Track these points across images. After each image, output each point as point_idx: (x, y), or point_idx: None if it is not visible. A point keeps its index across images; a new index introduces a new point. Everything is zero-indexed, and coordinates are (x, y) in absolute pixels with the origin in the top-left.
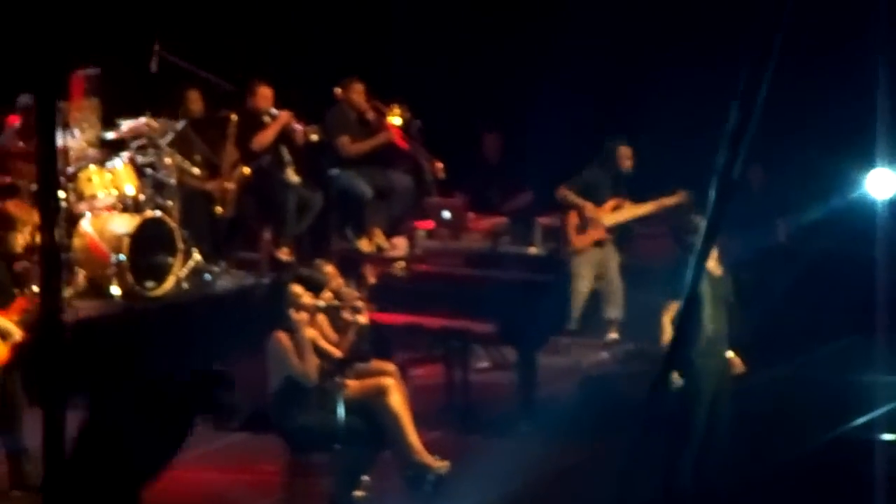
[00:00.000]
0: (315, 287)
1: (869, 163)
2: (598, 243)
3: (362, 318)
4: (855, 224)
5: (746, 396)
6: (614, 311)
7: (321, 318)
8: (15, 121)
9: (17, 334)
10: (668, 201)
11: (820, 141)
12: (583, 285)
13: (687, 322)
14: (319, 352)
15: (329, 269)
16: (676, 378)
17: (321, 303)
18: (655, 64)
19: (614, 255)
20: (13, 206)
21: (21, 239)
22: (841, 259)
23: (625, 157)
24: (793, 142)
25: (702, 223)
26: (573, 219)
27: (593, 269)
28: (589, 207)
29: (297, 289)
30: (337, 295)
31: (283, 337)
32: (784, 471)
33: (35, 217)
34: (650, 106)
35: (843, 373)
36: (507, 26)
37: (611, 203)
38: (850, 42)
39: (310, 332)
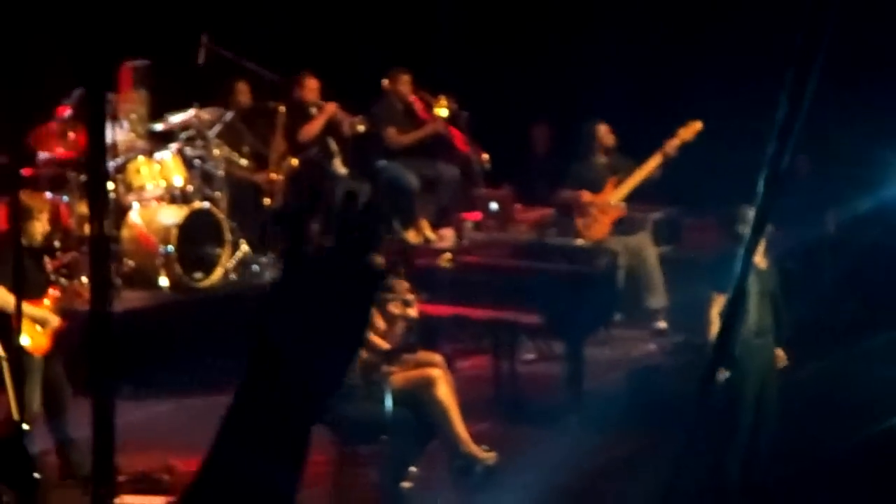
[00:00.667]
0: None
1: None
2: (626, 230)
3: (412, 311)
4: None
5: (794, 390)
6: (658, 301)
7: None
8: (65, 111)
9: (55, 321)
10: (672, 147)
11: (869, 131)
12: None
13: (735, 315)
14: (368, 344)
15: (378, 259)
16: (722, 372)
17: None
18: (704, 54)
19: (649, 243)
20: (26, 196)
21: (40, 227)
22: (890, 251)
23: (604, 135)
24: (841, 132)
25: (751, 213)
26: (577, 216)
27: (623, 258)
28: (584, 195)
29: None
30: (386, 286)
31: None
32: (832, 465)
33: (46, 205)
34: (699, 97)
35: (892, 364)
36: (556, 17)
37: (611, 182)
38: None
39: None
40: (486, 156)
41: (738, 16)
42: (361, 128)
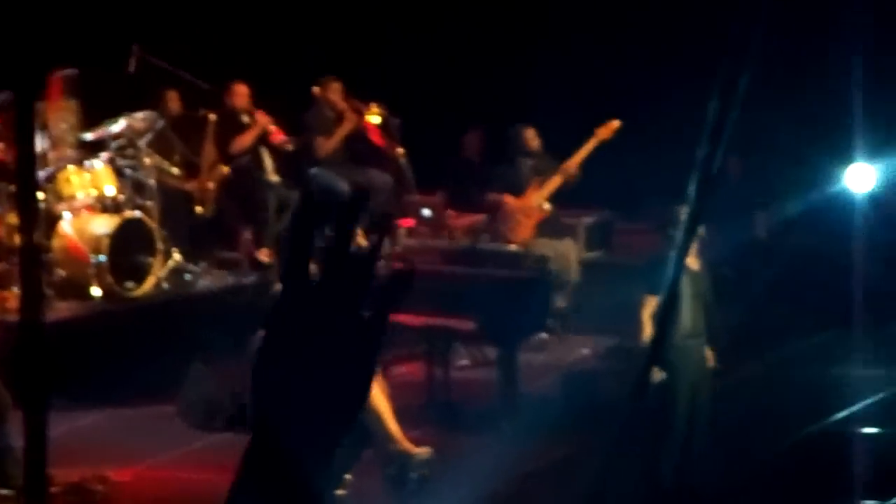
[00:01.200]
0: None
1: (848, 157)
2: (552, 233)
3: None
4: (834, 219)
5: (726, 392)
6: (561, 301)
7: None
8: None
9: None
10: (589, 146)
11: (799, 134)
12: None
13: (668, 317)
14: None
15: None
16: (658, 373)
17: None
18: (637, 58)
19: (574, 248)
20: None
21: None
22: (820, 254)
23: (530, 138)
24: (772, 135)
25: (683, 214)
26: (501, 219)
27: (552, 263)
28: (507, 199)
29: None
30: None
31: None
32: (766, 466)
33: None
34: (630, 98)
35: (823, 367)
36: (490, 22)
37: (535, 183)
38: (828, 37)
39: None
40: (401, 150)
41: (670, 14)
42: (290, 147)
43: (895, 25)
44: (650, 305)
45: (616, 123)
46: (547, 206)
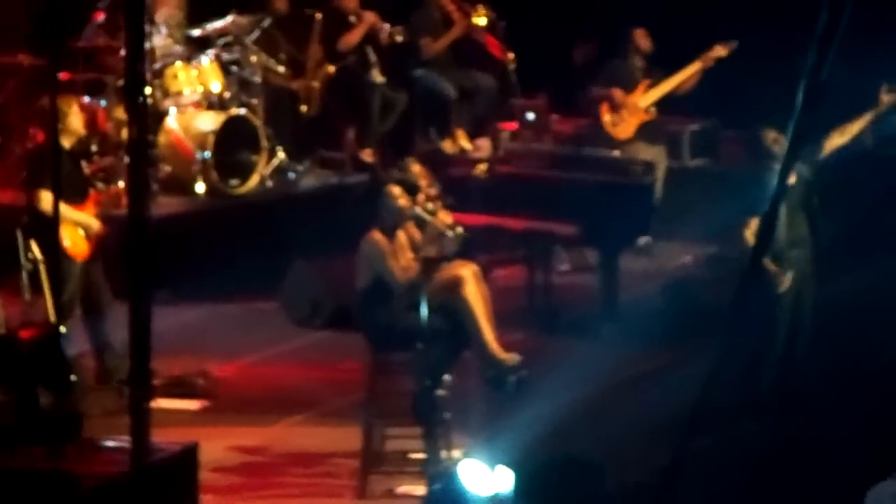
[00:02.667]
0: (410, 188)
1: None
2: (650, 139)
3: (458, 229)
4: None
5: (829, 301)
6: None
7: (410, 222)
8: (99, 16)
9: (96, 226)
10: (707, 59)
11: None
12: None
13: (770, 231)
14: (406, 255)
15: (417, 168)
16: (783, 279)
17: (418, 209)
18: None
19: (663, 158)
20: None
21: (76, 122)
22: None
23: (640, 37)
24: (882, 45)
25: (770, 134)
26: (605, 113)
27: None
28: (617, 93)
29: (396, 190)
30: (427, 196)
31: (379, 238)
32: (866, 377)
33: (73, 99)
34: (738, 11)
35: None
36: None
37: (643, 84)
38: None
39: (401, 235)
40: (511, 55)
41: None
42: (399, 38)
43: None
44: (752, 226)
45: (734, 43)
46: (653, 109)
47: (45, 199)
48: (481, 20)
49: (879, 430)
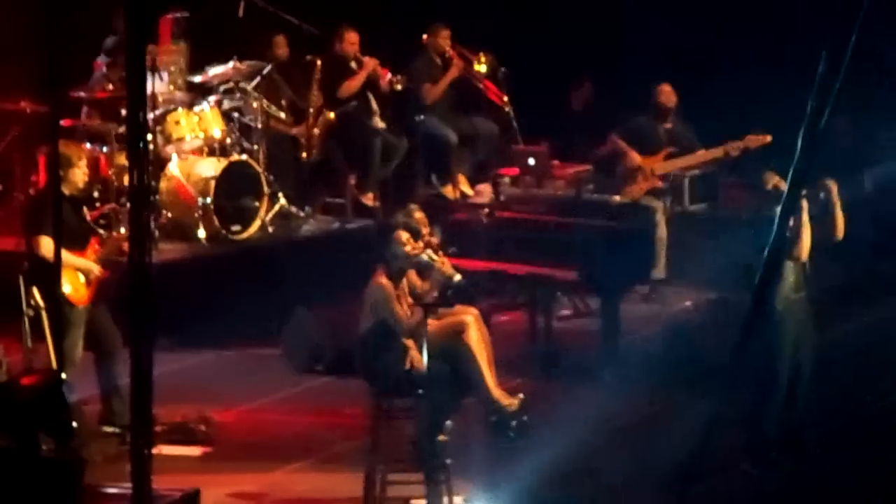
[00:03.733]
0: (414, 234)
1: None
2: (654, 193)
3: (457, 276)
4: None
5: (830, 347)
6: (657, 272)
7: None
8: (101, 66)
9: (97, 271)
10: (732, 149)
11: None
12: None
13: (772, 275)
14: (411, 299)
15: (419, 214)
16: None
17: (424, 255)
18: (747, 12)
19: (661, 208)
20: (64, 146)
21: (80, 175)
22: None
23: (664, 93)
24: (881, 94)
25: (771, 178)
26: (620, 168)
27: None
28: (634, 156)
29: (404, 235)
30: (428, 243)
31: (385, 283)
32: (868, 422)
33: (83, 152)
34: (740, 56)
35: None
36: None
37: (664, 152)
38: None
39: (404, 281)
40: (505, 99)
41: None
42: (399, 86)
43: None
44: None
45: (768, 138)
46: (667, 177)
47: (46, 245)
48: (482, 66)
49: (881, 476)
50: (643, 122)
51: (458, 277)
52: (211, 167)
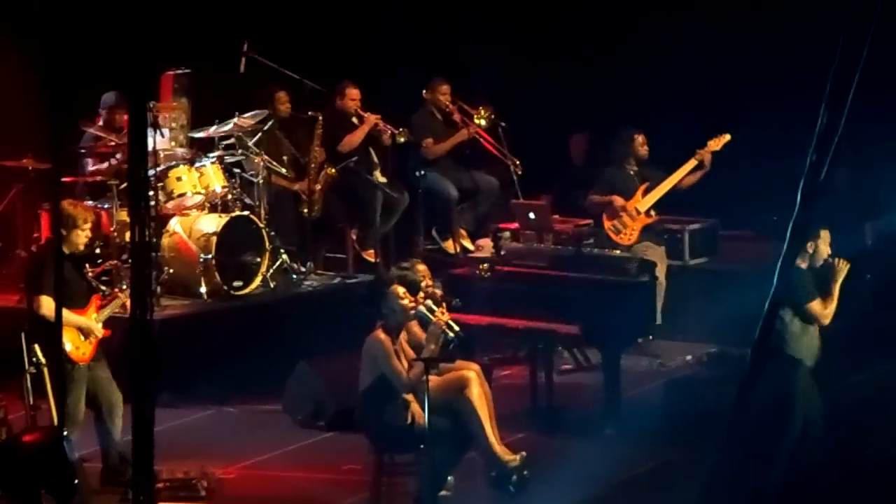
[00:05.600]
0: (411, 288)
1: None
2: (652, 240)
3: (447, 319)
4: None
5: (834, 399)
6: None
7: (411, 322)
8: (99, 120)
9: (98, 331)
10: (701, 155)
11: None
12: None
13: (771, 327)
14: (407, 354)
15: (421, 268)
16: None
17: (422, 308)
18: (746, 65)
19: (661, 254)
20: (69, 205)
21: (83, 236)
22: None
23: (640, 144)
24: (881, 145)
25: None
26: (607, 221)
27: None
28: (616, 199)
29: (400, 290)
30: (429, 296)
31: (384, 338)
32: (873, 474)
33: (90, 214)
34: (737, 108)
35: None
36: (594, 27)
37: (640, 188)
38: None
39: (404, 335)
40: (517, 162)
41: (777, 23)
42: (402, 139)
43: None
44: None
45: (727, 137)
46: (653, 212)
47: (46, 304)
48: (482, 121)
49: None
50: (612, 172)
51: (456, 329)
52: (212, 223)
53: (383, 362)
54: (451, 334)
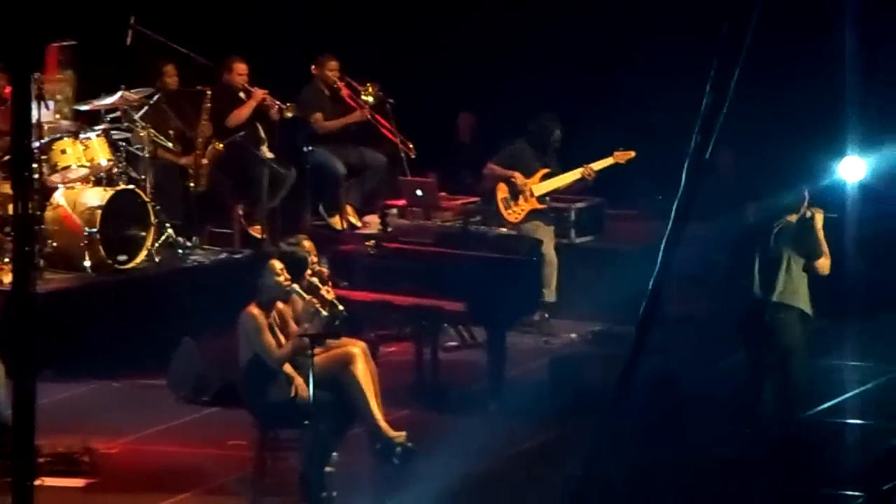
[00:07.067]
0: (297, 264)
1: (840, 149)
2: (538, 217)
3: (340, 307)
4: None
5: (718, 379)
6: (549, 294)
7: (295, 295)
8: None
9: None
10: (600, 165)
11: (792, 127)
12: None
13: (657, 303)
14: (289, 330)
15: (308, 244)
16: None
17: (296, 286)
18: (629, 46)
19: (550, 233)
20: None
21: None
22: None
23: (556, 138)
24: (765, 128)
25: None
26: (501, 192)
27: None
28: (518, 177)
29: (278, 265)
30: (315, 273)
31: (256, 313)
32: (753, 452)
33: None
34: (624, 89)
35: (814, 357)
36: (484, 4)
37: (540, 172)
38: (819, 30)
39: (285, 310)
40: (410, 144)
41: (666, 5)
42: (290, 114)
43: (886, 18)
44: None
45: (632, 153)
46: (546, 199)
47: None
48: (370, 98)
49: None
50: (522, 146)
51: (339, 308)
52: (97, 196)
53: (254, 337)
54: (329, 312)
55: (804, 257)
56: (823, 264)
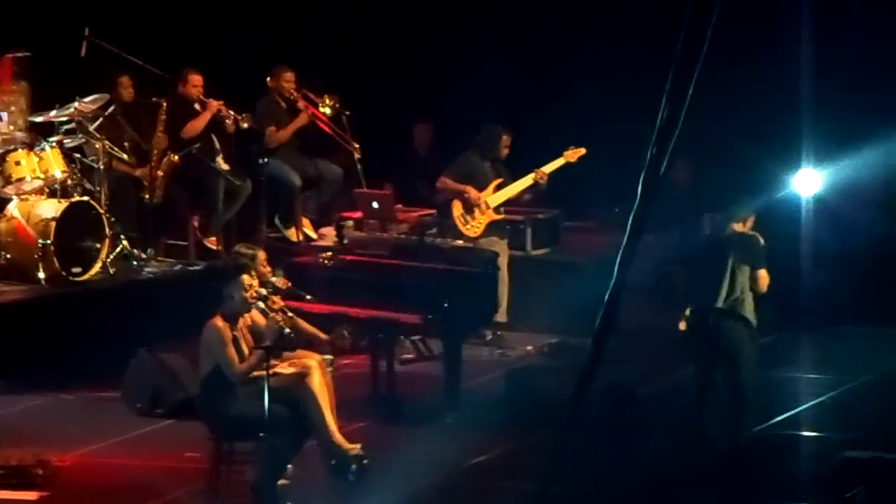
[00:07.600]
0: (237, 269)
1: (795, 163)
2: (494, 232)
3: (295, 320)
4: (781, 222)
5: (675, 391)
6: (500, 315)
7: (256, 310)
8: None
9: None
10: (551, 167)
11: (748, 140)
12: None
13: (613, 317)
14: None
15: (261, 255)
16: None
17: (261, 304)
18: (584, 57)
19: (504, 248)
20: None
21: None
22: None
23: (504, 144)
24: (721, 140)
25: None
26: (457, 209)
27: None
28: (471, 191)
29: (247, 279)
30: (263, 284)
31: (221, 325)
32: (708, 464)
33: None
34: (579, 99)
35: (767, 369)
36: (439, 15)
37: (493, 183)
38: (775, 44)
39: (243, 324)
40: (357, 146)
41: (620, 17)
42: (245, 125)
43: (839, 33)
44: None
45: (582, 150)
46: (502, 209)
47: None
48: (326, 109)
49: None
50: (471, 159)
51: (286, 322)
52: (51, 208)
53: (217, 350)
54: (288, 329)
55: (748, 265)
56: (763, 276)
